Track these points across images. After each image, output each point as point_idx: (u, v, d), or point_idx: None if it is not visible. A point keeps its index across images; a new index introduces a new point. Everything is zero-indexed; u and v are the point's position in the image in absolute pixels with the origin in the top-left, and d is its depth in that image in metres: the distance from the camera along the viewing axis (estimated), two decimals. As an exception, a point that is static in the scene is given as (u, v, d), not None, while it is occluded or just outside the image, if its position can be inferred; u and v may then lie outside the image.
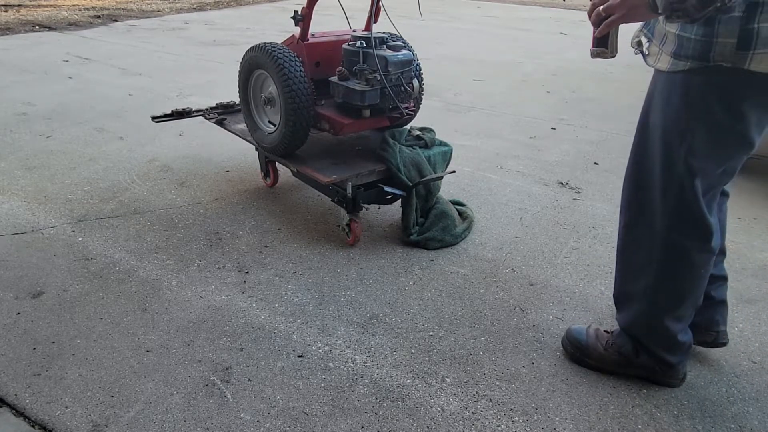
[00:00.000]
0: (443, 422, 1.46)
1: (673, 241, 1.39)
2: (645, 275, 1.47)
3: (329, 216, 2.50)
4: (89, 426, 1.42)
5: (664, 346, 1.53)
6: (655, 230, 1.41)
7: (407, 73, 2.19)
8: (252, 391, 1.54)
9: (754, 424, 1.49)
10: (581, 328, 1.70)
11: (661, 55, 1.30)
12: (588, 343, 1.65)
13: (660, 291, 1.46)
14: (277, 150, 2.31)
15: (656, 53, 1.33)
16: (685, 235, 1.38)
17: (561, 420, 1.48)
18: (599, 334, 1.66)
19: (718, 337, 1.66)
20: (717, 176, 1.34)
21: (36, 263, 2.08)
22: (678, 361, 1.55)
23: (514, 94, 4.58)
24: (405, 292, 1.99)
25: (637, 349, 1.58)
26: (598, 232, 2.43)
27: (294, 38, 2.31)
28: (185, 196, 2.63)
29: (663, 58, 1.30)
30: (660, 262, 1.43)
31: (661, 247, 1.41)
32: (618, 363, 1.61)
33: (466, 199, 2.63)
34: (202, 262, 2.12)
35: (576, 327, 1.71)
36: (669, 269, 1.43)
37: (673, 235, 1.38)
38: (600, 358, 1.63)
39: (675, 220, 1.37)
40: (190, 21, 7.48)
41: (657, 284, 1.45)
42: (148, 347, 1.69)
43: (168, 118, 2.87)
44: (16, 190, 2.64)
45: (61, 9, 7.78)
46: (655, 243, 1.42)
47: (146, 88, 4.35)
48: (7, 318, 1.79)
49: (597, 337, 1.65)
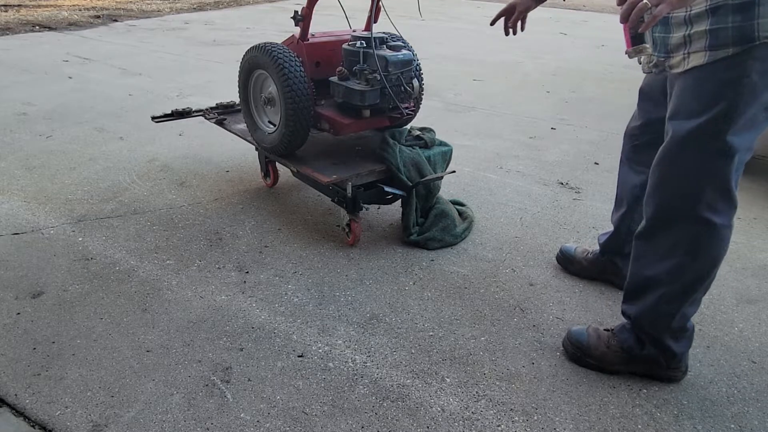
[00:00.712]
0: (443, 422, 1.46)
1: (705, 219, 1.41)
2: (671, 257, 1.48)
3: (329, 216, 2.50)
4: (89, 426, 1.42)
5: (673, 334, 1.55)
6: (687, 210, 1.43)
7: (407, 73, 2.19)
8: (252, 391, 1.54)
9: (754, 424, 1.49)
10: (581, 328, 1.71)
11: (690, 57, 1.36)
12: (589, 342, 1.66)
13: (686, 272, 1.47)
14: (277, 150, 2.31)
15: (681, 59, 1.38)
16: (717, 212, 1.41)
17: (561, 420, 1.48)
18: (600, 333, 1.67)
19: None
20: (747, 151, 1.39)
21: (36, 263, 2.08)
22: (683, 350, 1.58)
23: (514, 94, 4.58)
24: (405, 292, 1.99)
25: (642, 341, 1.59)
26: (598, 232, 2.43)
27: (294, 38, 2.31)
28: (185, 196, 2.63)
29: (694, 57, 1.35)
30: (690, 241, 1.45)
31: (693, 226, 1.43)
32: (620, 360, 1.62)
33: (466, 199, 2.63)
34: (202, 262, 2.12)
35: (576, 328, 1.72)
36: (698, 248, 1.45)
37: (706, 213, 1.41)
38: (601, 357, 1.63)
39: (709, 199, 1.40)
40: (190, 21, 7.48)
41: (685, 265, 1.47)
42: (148, 347, 1.69)
43: (168, 118, 2.87)
44: (16, 190, 2.64)
45: (61, 9, 7.78)
46: (686, 223, 1.44)
47: (146, 88, 4.35)
48: (7, 318, 1.79)
49: (598, 336, 1.66)
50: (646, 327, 1.58)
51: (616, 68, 5.42)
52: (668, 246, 1.48)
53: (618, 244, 1.95)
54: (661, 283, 1.51)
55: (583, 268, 2.08)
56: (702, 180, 1.39)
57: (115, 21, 7.23)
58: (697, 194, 1.40)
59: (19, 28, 6.49)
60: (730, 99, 1.31)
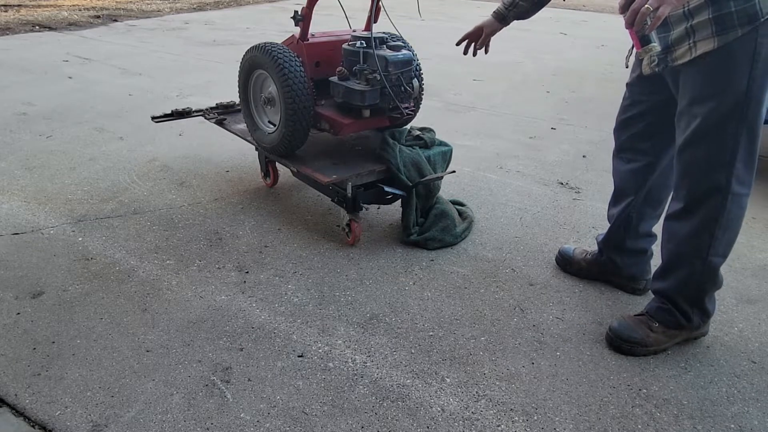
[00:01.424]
0: (443, 422, 1.46)
1: (736, 193, 1.53)
2: (706, 232, 1.58)
3: (329, 216, 2.50)
4: (89, 426, 1.42)
5: (709, 297, 1.70)
6: (722, 187, 1.52)
7: (407, 73, 2.19)
8: (252, 391, 1.54)
9: (754, 424, 1.49)
10: (623, 322, 1.75)
11: (697, 45, 1.44)
12: (640, 335, 1.71)
13: (721, 242, 1.59)
14: (277, 150, 2.31)
15: (686, 50, 1.46)
16: (743, 183, 1.53)
17: (561, 420, 1.48)
18: (637, 321, 1.74)
19: (647, 284, 1.97)
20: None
21: (36, 263, 2.08)
22: (714, 308, 1.74)
23: (514, 94, 4.58)
24: (405, 292, 1.99)
25: (686, 313, 1.69)
26: (598, 232, 2.42)
27: (294, 38, 2.31)
28: (185, 196, 2.63)
29: (702, 44, 1.43)
30: (724, 215, 1.55)
31: (726, 200, 1.53)
32: (669, 337, 1.72)
33: (466, 199, 2.63)
34: (202, 262, 2.12)
35: (617, 323, 1.76)
36: (730, 219, 1.56)
37: (736, 187, 1.52)
38: (654, 342, 1.71)
39: (739, 173, 1.51)
40: (190, 21, 7.48)
41: (719, 236, 1.58)
42: (148, 347, 1.69)
43: (168, 118, 2.87)
44: (16, 190, 2.64)
45: (61, 9, 7.78)
46: (719, 199, 1.54)
47: (146, 88, 4.35)
48: (7, 318, 1.79)
49: (639, 324, 1.73)
50: (691, 298, 1.68)
51: (616, 68, 5.42)
52: (704, 222, 1.58)
53: (618, 238, 1.96)
54: (700, 256, 1.61)
55: (582, 268, 2.09)
56: (733, 156, 1.48)
57: (115, 21, 7.23)
58: (729, 170, 1.50)
59: (19, 28, 6.49)
60: (747, 76, 1.40)
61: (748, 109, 1.43)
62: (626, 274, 2.00)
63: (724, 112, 1.45)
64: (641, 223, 1.90)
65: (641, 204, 1.87)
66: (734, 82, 1.42)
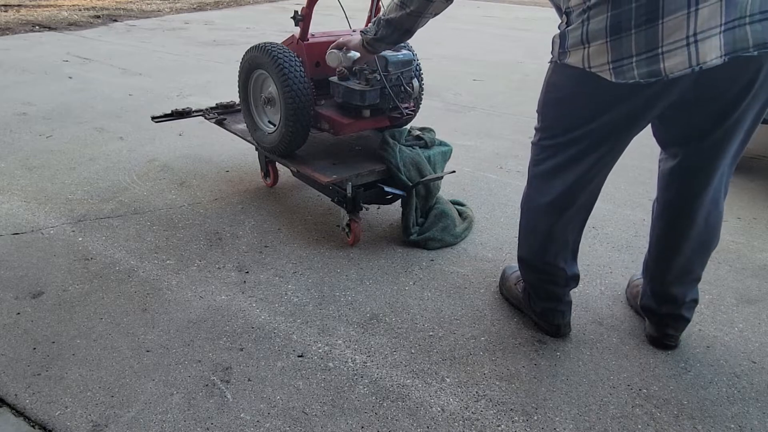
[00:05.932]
0: (443, 422, 1.46)
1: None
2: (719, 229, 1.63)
3: (329, 216, 2.50)
4: (89, 426, 1.42)
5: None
6: (721, 201, 1.58)
7: (407, 73, 2.19)
8: (252, 391, 1.54)
9: (754, 424, 1.49)
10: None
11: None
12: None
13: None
14: (277, 150, 2.31)
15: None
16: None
17: (561, 420, 1.48)
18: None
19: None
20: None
21: (36, 263, 2.08)
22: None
23: (514, 94, 4.58)
24: (405, 292, 1.99)
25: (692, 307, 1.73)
26: (598, 232, 2.43)
27: (294, 38, 2.31)
28: (185, 196, 2.63)
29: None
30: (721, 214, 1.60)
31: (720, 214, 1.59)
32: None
33: (466, 199, 2.63)
34: (202, 262, 2.12)
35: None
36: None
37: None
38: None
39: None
40: (190, 21, 7.48)
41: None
42: (148, 347, 1.69)
43: (168, 118, 2.87)
44: (16, 190, 2.64)
45: (61, 9, 7.78)
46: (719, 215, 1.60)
47: (146, 88, 4.35)
48: (7, 318, 1.79)
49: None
50: (695, 297, 1.71)
51: (616, 68, 5.41)
52: (719, 220, 1.61)
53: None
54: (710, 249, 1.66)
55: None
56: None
57: (115, 21, 7.23)
58: (726, 184, 1.55)
59: (19, 28, 6.49)
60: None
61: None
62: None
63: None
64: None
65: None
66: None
